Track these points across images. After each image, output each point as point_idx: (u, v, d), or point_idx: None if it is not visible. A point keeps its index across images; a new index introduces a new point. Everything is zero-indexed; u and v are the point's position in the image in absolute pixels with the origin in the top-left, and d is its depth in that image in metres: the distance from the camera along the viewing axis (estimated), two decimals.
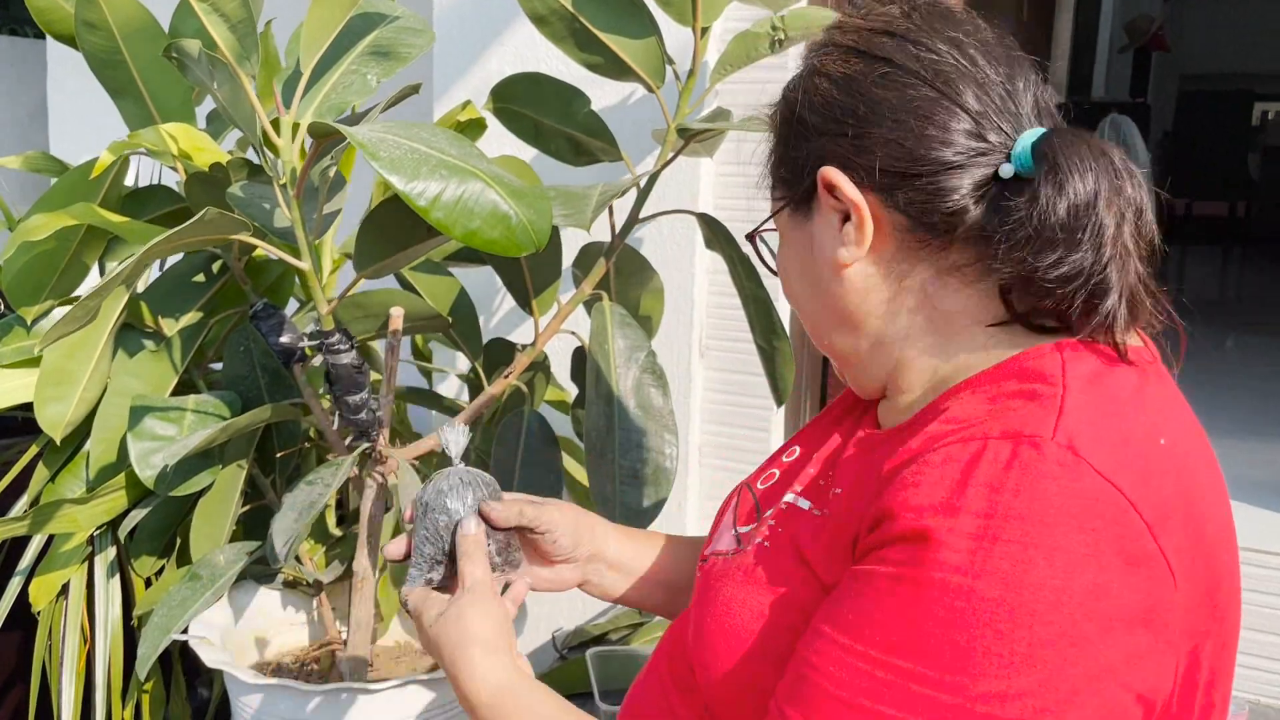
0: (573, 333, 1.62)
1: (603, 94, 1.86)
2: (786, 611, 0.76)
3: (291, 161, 1.21)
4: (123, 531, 1.62)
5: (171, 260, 1.76)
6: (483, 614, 0.87)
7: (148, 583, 1.83)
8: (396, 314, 1.45)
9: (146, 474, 1.51)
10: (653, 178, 1.51)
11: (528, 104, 1.63)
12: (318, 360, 1.71)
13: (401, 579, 1.76)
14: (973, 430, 0.67)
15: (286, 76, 1.26)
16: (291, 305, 1.84)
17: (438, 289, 1.57)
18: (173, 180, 1.84)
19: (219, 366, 1.87)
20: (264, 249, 1.26)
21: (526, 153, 1.72)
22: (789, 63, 1.92)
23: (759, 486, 0.91)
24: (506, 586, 0.96)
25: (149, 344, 1.73)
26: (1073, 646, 0.61)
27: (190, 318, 1.75)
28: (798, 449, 0.91)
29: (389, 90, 1.40)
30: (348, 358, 1.34)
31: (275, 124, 1.23)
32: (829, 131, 0.77)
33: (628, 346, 1.48)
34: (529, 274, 1.49)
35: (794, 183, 0.81)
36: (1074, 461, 0.64)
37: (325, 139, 1.16)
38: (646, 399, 1.46)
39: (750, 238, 0.91)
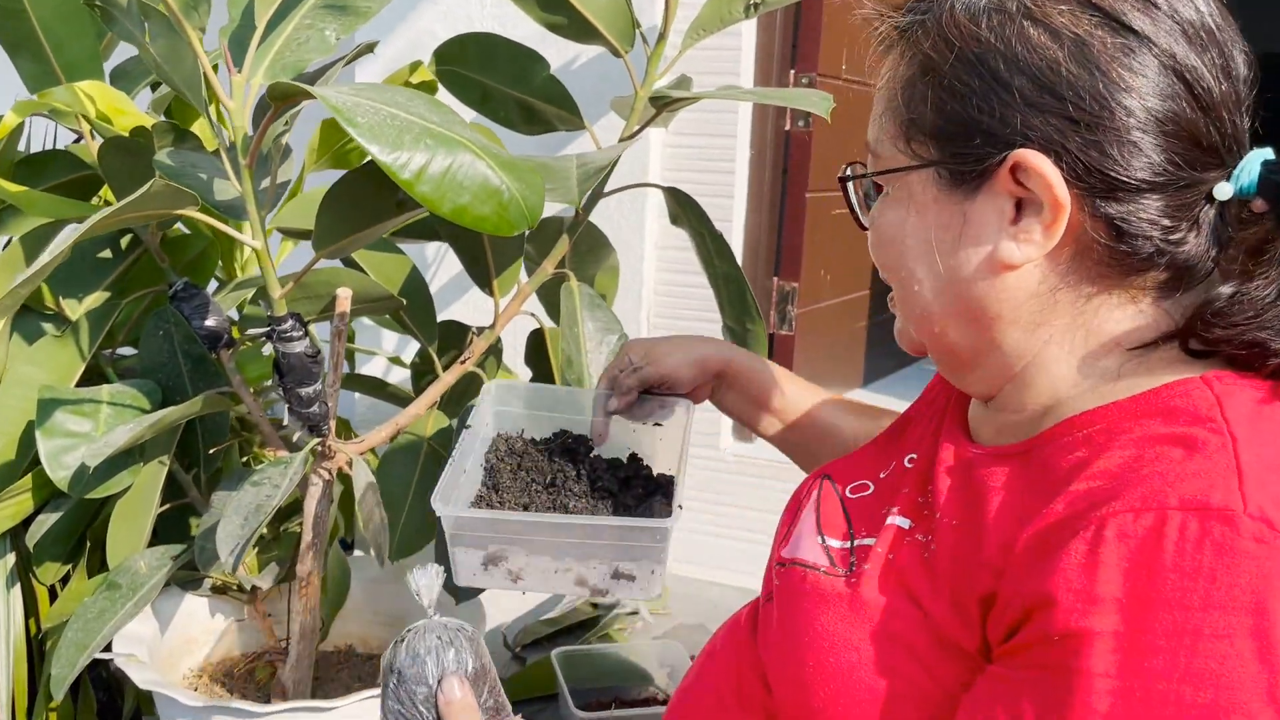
0: (531, 314, 1.52)
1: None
2: (902, 658, 0.66)
3: (243, 126, 1.08)
4: (31, 538, 1.46)
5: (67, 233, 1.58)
6: None
7: (51, 591, 1.66)
8: (344, 295, 1.32)
9: (59, 475, 1.35)
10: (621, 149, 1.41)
11: (477, 67, 1.52)
12: (266, 349, 1.57)
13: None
14: (1138, 494, 0.57)
15: (232, 30, 1.12)
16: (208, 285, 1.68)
17: (386, 267, 1.45)
18: (66, 145, 1.66)
19: (128, 352, 1.71)
20: (212, 224, 1.12)
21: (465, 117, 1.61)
22: (742, 29, 1.85)
23: (847, 494, 0.80)
24: None
25: (49, 328, 1.56)
26: None
27: (96, 299, 1.58)
28: (894, 465, 0.80)
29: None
30: (301, 345, 1.22)
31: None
32: (1045, 107, 0.62)
33: (598, 329, 1.39)
34: (491, 252, 1.38)
35: (962, 148, 0.65)
36: (1271, 536, 0.55)
37: (285, 101, 1.03)
38: None
39: (844, 181, 0.76)
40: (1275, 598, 0.54)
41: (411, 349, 2.08)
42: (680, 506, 0.90)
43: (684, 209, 1.48)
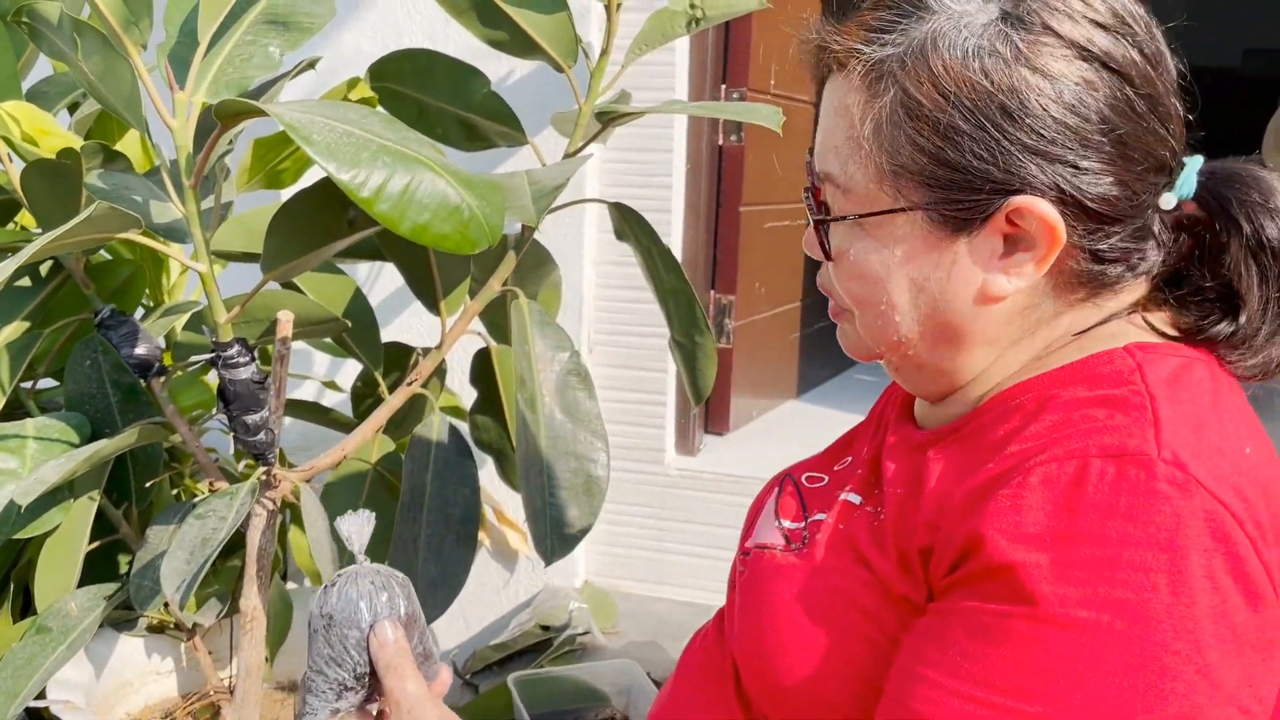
0: (479, 333, 1.49)
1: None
2: (855, 618, 0.69)
3: (186, 146, 1.04)
4: None
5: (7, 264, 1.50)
6: None
7: None
8: (285, 318, 1.28)
9: None
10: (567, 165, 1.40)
11: (414, 84, 1.49)
12: (208, 376, 1.51)
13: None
14: (1064, 448, 0.61)
15: (171, 47, 1.08)
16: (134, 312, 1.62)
17: (328, 288, 1.41)
18: None
19: (50, 384, 1.63)
20: (153, 248, 1.08)
21: None
22: (677, 45, 1.85)
23: (804, 483, 0.83)
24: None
25: None
26: (1198, 674, 0.57)
27: (15, 329, 1.50)
28: (850, 459, 0.84)
29: None
30: (247, 372, 1.17)
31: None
32: (1048, 154, 0.63)
33: (548, 347, 1.37)
34: (438, 271, 1.35)
35: (960, 194, 0.66)
36: (1184, 480, 0.59)
37: (233, 120, 0.99)
38: (573, 403, 1.36)
39: (820, 224, 0.74)
40: (1187, 536, 0.57)
41: (345, 372, 2.04)
42: None
43: (629, 224, 1.47)
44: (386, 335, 1.70)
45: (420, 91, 1.48)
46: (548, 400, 1.35)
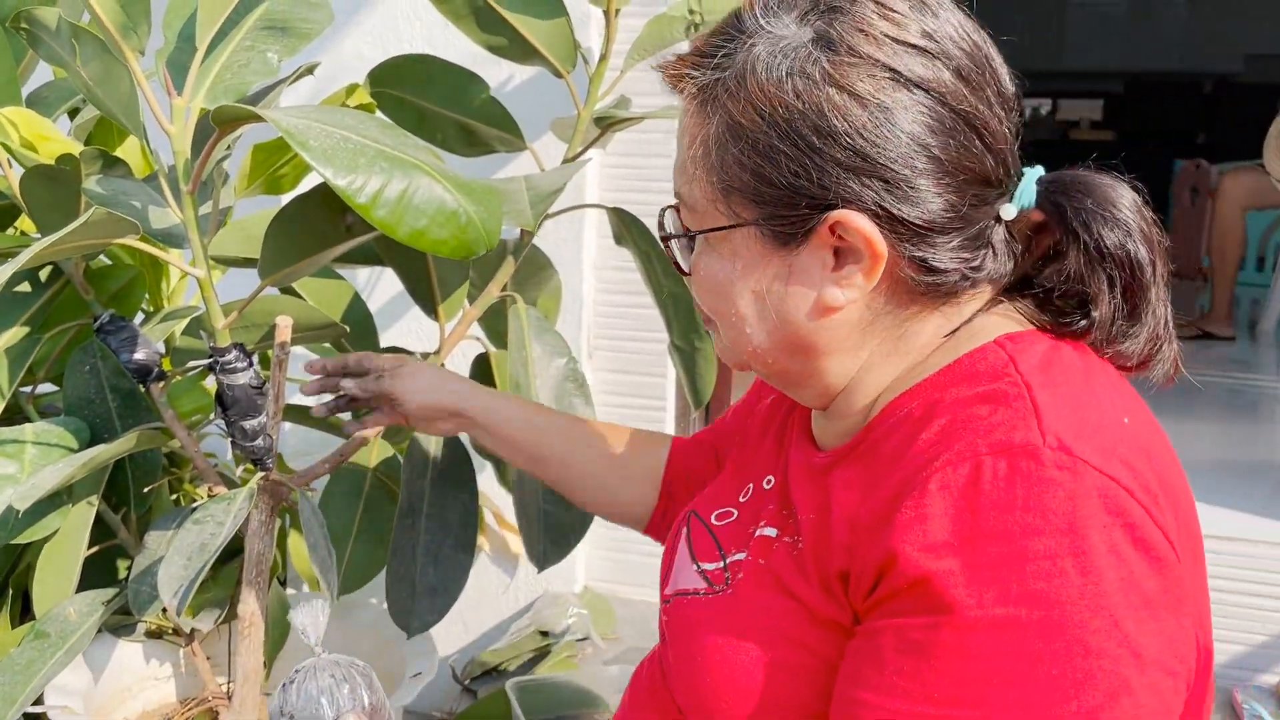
0: (477, 338, 1.49)
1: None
2: (788, 651, 0.71)
3: (184, 151, 1.04)
4: None
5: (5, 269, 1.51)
6: None
7: None
8: (284, 324, 1.28)
9: None
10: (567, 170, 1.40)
11: (413, 89, 1.49)
12: (206, 381, 1.52)
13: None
14: (955, 451, 0.63)
15: (169, 53, 1.08)
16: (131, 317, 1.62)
17: (326, 293, 1.41)
18: None
19: (50, 389, 1.63)
20: (151, 254, 1.08)
21: None
22: (676, 50, 1.85)
23: (714, 522, 0.84)
24: None
25: None
26: (1120, 647, 0.59)
27: (15, 334, 1.50)
28: (751, 486, 0.85)
29: None
30: (245, 377, 1.18)
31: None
32: (858, 169, 0.66)
33: (546, 352, 1.37)
34: (436, 276, 1.35)
35: (782, 210, 0.69)
36: (1071, 462, 0.61)
37: (230, 125, 0.99)
38: (570, 409, 1.36)
39: (666, 239, 0.79)
40: (1084, 516, 0.60)
41: None
42: None
43: (628, 229, 1.47)
44: (385, 340, 1.70)
45: (420, 97, 1.48)
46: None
